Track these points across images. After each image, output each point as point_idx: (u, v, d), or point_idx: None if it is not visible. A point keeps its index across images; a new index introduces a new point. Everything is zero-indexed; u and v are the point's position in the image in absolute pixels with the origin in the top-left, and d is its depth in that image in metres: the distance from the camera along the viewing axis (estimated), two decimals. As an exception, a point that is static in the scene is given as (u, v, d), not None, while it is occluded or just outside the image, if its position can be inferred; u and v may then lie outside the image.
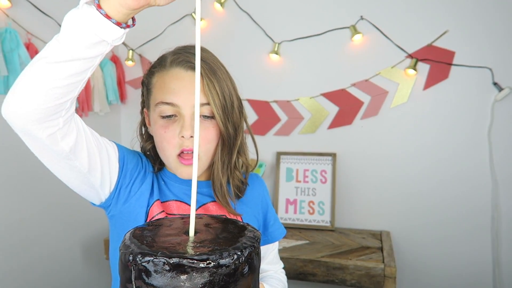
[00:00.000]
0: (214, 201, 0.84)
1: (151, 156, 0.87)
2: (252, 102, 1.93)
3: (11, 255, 1.49)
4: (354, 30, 1.76)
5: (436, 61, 1.70)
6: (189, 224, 0.46)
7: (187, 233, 0.46)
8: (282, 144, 1.92)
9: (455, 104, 1.71)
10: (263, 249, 0.93)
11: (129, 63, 1.99)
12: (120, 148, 0.78)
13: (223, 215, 0.75)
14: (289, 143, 1.92)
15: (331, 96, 1.84)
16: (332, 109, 1.85)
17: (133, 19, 0.59)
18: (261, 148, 1.95)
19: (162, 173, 0.85)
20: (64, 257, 1.74)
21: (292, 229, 1.81)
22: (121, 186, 0.76)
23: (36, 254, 1.59)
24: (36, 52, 1.52)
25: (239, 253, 0.41)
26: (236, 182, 0.85)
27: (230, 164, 0.82)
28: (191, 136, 0.74)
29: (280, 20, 1.87)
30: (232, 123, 0.79)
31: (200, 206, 0.82)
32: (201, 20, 1.91)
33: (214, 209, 0.83)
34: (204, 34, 1.96)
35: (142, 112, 0.88)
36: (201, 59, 0.77)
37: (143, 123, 0.88)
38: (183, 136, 0.75)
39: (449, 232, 1.75)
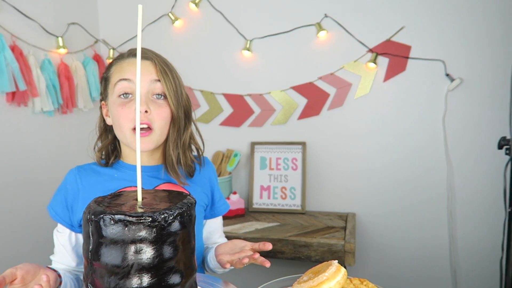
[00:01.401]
0: (165, 182, 0.97)
1: (109, 150, 0.99)
2: (227, 96, 2.06)
3: (4, 243, 1.62)
4: (319, 27, 1.89)
5: (394, 55, 1.84)
6: (141, 194, 0.60)
7: (136, 199, 0.59)
8: (256, 134, 2.06)
9: (412, 94, 1.86)
10: (213, 224, 1.07)
11: (110, 61, 2.11)
12: (60, 220, 0.94)
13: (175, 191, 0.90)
14: (262, 134, 2.06)
15: (300, 89, 1.98)
16: (301, 101, 1.99)
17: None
18: (236, 138, 2.10)
19: (116, 165, 0.97)
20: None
21: (266, 213, 1.96)
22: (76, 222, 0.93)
23: (23, 244, 1.72)
24: (21, 54, 1.64)
25: (169, 212, 0.54)
26: (188, 162, 0.98)
27: (180, 143, 0.94)
28: (146, 111, 0.86)
29: (251, 19, 1.99)
30: (182, 108, 0.92)
31: (154, 188, 0.95)
32: (177, 19, 2.04)
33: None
34: (180, 33, 2.08)
35: (100, 107, 0.99)
36: (156, 55, 0.92)
37: (102, 118, 0.99)
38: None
39: (410, 213, 1.91)
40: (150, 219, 0.52)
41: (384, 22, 1.84)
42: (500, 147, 1.21)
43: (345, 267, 1.74)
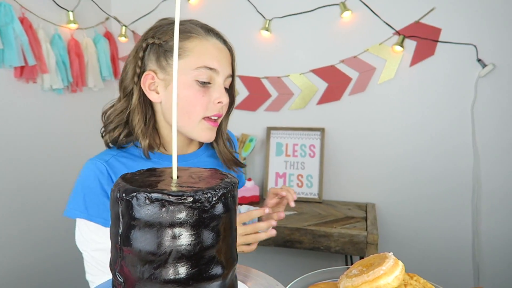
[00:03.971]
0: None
1: (140, 132, 0.83)
2: (243, 78, 1.97)
3: (11, 221, 1.55)
4: (344, 7, 1.79)
5: (423, 38, 1.74)
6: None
7: (171, 177, 0.51)
8: (272, 119, 1.98)
9: (440, 81, 1.76)
10: None
11: (122, 39, 2.02)
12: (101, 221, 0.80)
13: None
14: (279, 119, 1.97)
15: (320, 72, 1.89)
16: (321, 85, 1.90)
17: None
18: (252, 123, 2.01)
19: (154, 156, 0.86)
20: (61, 225, 1.80)
21: (282, 201, 1.88)
22: None
23: (33, 221, 1.66)
24: (30, 27, 1.55)
25: (213, 192, 0.46)
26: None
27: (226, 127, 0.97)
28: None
29: (271, -3, 1.89)
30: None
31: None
32: (193, -4, 1.94)
33: None
34: (196, 11, 1.98)
35: (139, 76, 0.83)
36: (230, 44, 0.90)
37: (142, 93, 0.84)
38: (220, 102, 0.83)
39: (432, 204, 1.83)
40: (192, 199, 0.45)
41: (413, 3, 1.73)
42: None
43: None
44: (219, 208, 0.47)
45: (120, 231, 0.46)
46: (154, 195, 0.44)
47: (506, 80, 1.68)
